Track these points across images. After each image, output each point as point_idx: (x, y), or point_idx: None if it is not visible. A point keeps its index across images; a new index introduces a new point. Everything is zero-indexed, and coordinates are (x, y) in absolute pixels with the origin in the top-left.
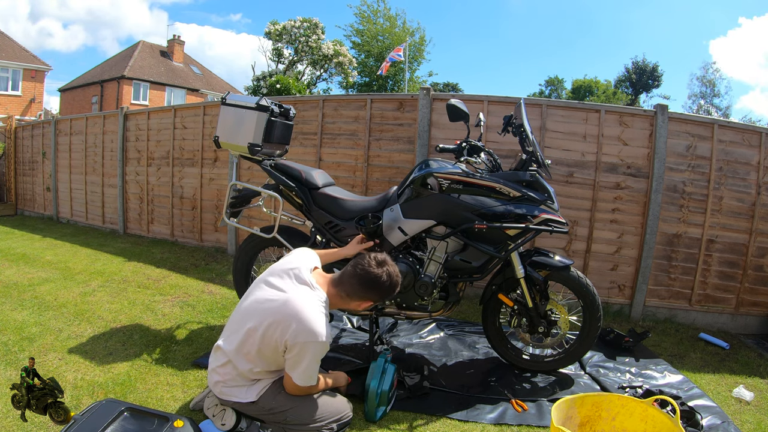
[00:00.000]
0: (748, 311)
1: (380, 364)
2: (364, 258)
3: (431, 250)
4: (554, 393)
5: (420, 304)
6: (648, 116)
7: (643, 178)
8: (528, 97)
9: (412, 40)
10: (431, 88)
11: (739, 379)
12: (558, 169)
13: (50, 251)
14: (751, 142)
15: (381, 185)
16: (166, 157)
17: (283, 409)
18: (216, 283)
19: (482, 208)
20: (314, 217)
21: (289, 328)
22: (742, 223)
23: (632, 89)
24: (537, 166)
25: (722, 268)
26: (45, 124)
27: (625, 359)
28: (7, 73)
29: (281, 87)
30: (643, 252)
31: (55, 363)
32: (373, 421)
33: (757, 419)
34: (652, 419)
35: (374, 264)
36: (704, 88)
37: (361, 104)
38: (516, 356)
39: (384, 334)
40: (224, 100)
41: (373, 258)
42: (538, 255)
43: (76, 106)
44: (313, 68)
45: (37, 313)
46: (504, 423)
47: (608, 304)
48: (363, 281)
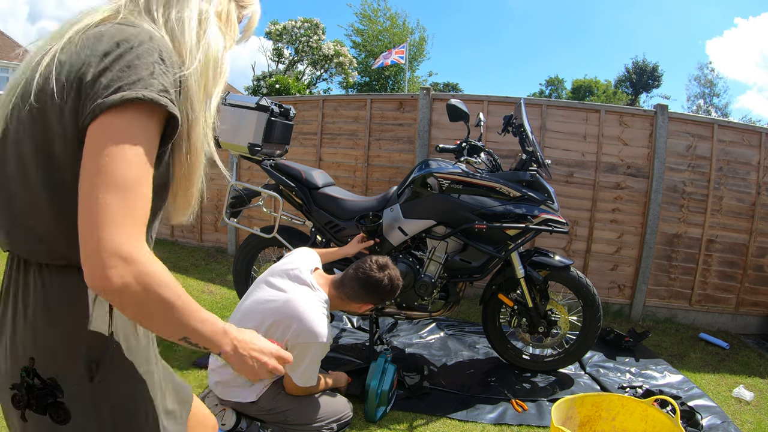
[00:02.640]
0: (748, 311)
1: (380, 364)
2: (365, 262)
3: (431, 250)
4: (554, 393)
5: (420, 304)
6: (648, 116)
7: (643, 178)
8: (528, 97)
9: (412, 39)
10: (431, 88)
11: (739, 379)
12: (558, 169)
13: None
14: (751, 142)
15: (381, 185)
16: None
17: (283, 409)
18: (216, 283)
19: (482, 208)
20: (314, 217)
21: (289, 328)
22: (742, 223)
23: (632, 89)
24: (537, 166)
25: (722, 268)
26: None
27: (625, 359)
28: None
29: (281, 87)
30: (643, 252)
31: None
32: (373, 421)
33: (757, 419)
34: (652, 419)
35: (376, 268)
36: (702, 88)
37: (361, 104)
38: (516, 356)
39: (384, 334)
40: (224, 100)
41: (375, 262)
42: (538, 255)
43: None
44: (313, 68)
45: None
46: (504, 423)
47: (608, 304)
48: (364, 285)
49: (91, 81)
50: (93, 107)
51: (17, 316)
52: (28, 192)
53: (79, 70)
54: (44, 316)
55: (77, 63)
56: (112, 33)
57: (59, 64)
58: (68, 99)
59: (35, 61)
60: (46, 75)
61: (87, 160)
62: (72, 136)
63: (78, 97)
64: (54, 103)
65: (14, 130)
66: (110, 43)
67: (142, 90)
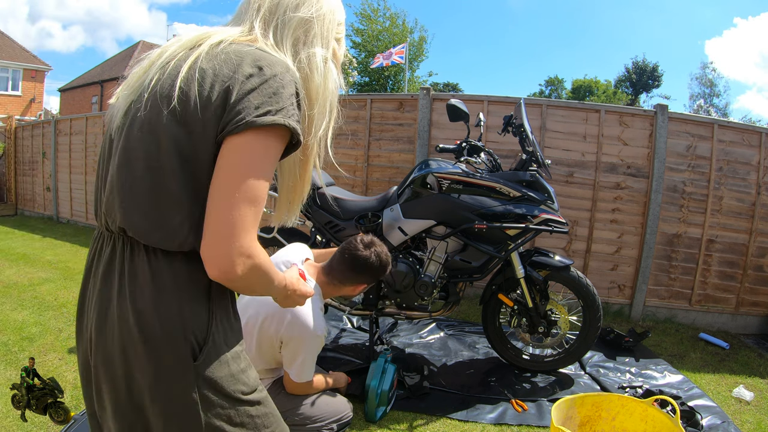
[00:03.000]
0: (748, 311)
1: (380, 364)
2: (350, 242)
3: (431, 250)
4: (554, 393)
5: (420, 304)
6: (648, 116)
7: (643, 178)
8: (528, 97)
9: (412, 39)
10: (431, 88)
11: (739, 379)
12: (558, 169)
13: (50, 251)
14: (751, 142)
15: (381, 185)
16: None
17: (283, 409)
18: None
19: (482, 208)
20: (314, 216)
21: (284, 320)
22: (742, 223)
23: (632, 89)
24: (537, 166)
25: (722, 268)
26: (45, 124)
27: (625, 359)
28: (7, 73)
29: None
30: (643, 252)
31: (55, 363)
32: (373, 421)
33: (757, 419)
34: (652, 419)
35: (362, 246)
36: (703, 88)
37: (361, 104)
38: (516, 356)
39: (384, 334)
40: None
41: (360, 241)
42: (538, 255)
43: (76, 106)
44: None
45: (37, 313)
46: (504, 423)
47: (608, 304)
48: (352, 265)
49: (238, 98)
50: (242, 123)
51: (123, 298)
52: (155, 182)
53: (224, 83)
54: (153, 298)
55: (221, 76)
56: (254, 56)
57: (201, 72)
58: (212, 107)
59: (168, 64)
60: (188, 80)
61: (230, 170)
62: (211, 139)
63: (223, 109)
64: (196, 107)
65: (145, 123)
66: (253, 66)
67: (286, 118)
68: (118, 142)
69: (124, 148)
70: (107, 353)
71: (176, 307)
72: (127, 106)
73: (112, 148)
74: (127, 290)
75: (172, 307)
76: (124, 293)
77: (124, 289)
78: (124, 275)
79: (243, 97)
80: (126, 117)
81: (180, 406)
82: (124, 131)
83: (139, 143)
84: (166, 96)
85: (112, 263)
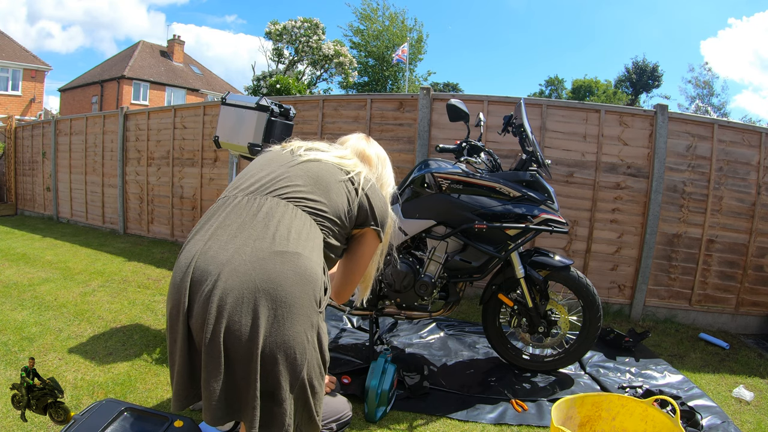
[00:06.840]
0: (748, 311)
1: (380, 364)
2: None
3: (431, 250)
4: (554, 393)
5: (420, 304)
6: (648, 116)
7: (643, 178)
8: (528, 97)
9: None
10: (431, 88)
11: (739, 379)
12: (558, 169)
13: (50, 251)
14: (751, 142)
15: None
16: (166, 157)
17: None
18: None
19: (482, 208)
20: None
21: None
22: (742, 223)
23: (632, 89)
24: (537, 166)
25: (722, 268)
26: (45, 124)
27: (625, 359)
28: (7, 73)
29: (281, 87)
30: (643, 252)
31: (55, 363)
32: (373, 421)
33: (757, 419)
34: (652, 419)
35: None
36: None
37: (361, 104)
38: (516, 356)
39: (384, 334)
40: (224, 100)
41: None
42: (538, 255)
43: (76, 106)
44: (313, 68)
45: (37, 313)
46: (504, 423)
47: (608, 304)
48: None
49: (372, 210)
50: (369, 223)
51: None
52: (295, 229)
53: (368, 197)
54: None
55: (371, 197)
56: (379, 196)
57: (365, 182)
58: (357, 206)
59: (328, 161)
60: (352, 179)
61: (359, 248)
62: (351, 222)
63: (362, 211)
64: (352, 199)
65: (311, 185)
66: (381, 201)
67: (386, 228)
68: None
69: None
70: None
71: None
72: (284, 161)
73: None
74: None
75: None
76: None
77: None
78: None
79: (372, 212)
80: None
81: (297, 395)
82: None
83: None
84: (333, 175)
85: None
